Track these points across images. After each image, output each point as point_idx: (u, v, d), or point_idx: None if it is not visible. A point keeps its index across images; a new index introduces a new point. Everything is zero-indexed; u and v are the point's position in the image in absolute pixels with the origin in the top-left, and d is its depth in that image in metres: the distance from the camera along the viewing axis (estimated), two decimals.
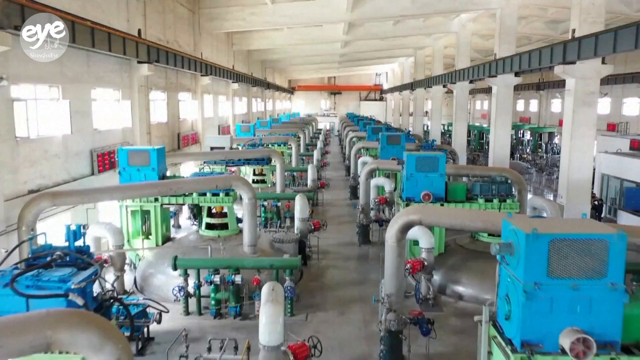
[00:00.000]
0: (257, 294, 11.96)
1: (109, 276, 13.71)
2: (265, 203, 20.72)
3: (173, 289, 12.49)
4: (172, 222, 20.88)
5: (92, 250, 13.15)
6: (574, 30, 19.11)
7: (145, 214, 15.57)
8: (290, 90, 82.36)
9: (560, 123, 50.10)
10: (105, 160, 17.00)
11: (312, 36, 38.96)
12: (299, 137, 37.23)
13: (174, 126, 26.02)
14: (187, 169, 26.23)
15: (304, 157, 34.50)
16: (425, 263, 13.26)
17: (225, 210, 15.53)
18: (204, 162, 23.10)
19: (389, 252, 10.12)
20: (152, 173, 15.14)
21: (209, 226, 15.44)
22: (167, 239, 16.04)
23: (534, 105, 59.33)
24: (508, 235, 6.27)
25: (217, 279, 12.33)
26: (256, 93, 51.92)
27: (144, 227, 15.65)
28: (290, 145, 31.09)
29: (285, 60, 57.83)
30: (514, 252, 6.02)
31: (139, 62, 19.56)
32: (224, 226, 15.45)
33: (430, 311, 12.73)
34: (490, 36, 41.67)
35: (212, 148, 24.28)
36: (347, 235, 20.45)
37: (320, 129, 62.70)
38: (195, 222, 17.30)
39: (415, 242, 14.27)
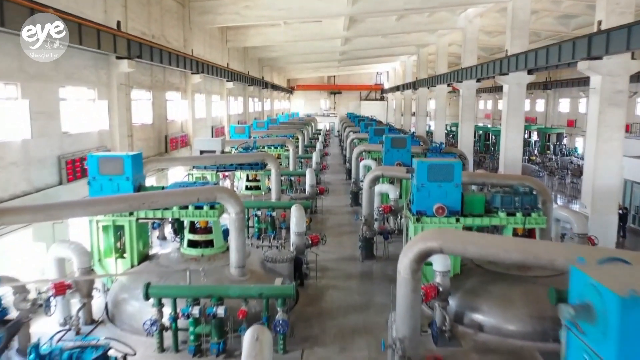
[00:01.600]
0: (244, 328, 10.08)
1: (74, 301, 11.96)
2: (259, 212, 18.86)
3: (144, 322, 10.61)
4: (157, 233, 19.06)
5: (53, 276, 11.52)
6: (599, 22, 17.30)
7: (119, 230, 13.65)
8: (289, 90, 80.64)
9: (569, 123, 48.53)
10: (76, 168, 15.09)
11: (311, 32, 37.15)
12: (297, 139, 35.30)
13: (161, 128, 24.10)
14: (177, 174, 24.34)
15: (302, 160, 32.51)
16: (441, 289, 11.42)
17: (210, 225, 13.63)
18: (193, 168, 21.17)
19: (402, 286, 8.24)
20: (127, 183, 13.21)
21: (192, 243, 13.51)
22: (144, 257, 14.09)
23: (540, 105, 57.44)
24: (584, 292, 4.39)
25: (196, 311, 10.42)
26: (253, 92, 49.97)
27: (117, 244, 13.72)
28: (287, 147, 29.14)
29: (284, 59, 56.00)
30: (597, 320, 4.16)
31: (118, 58, 17.63)
32: (209, 243, 13.53)
33: (447, 346, 10.92)
34: (497, 33, 39.91)
35: (201, 152, 22.34)
36: (348, 248, 18.54)
37: (320, 130, 60.85)
38: (176, 239, 15.36)
39: (428, 263, 12.35)
